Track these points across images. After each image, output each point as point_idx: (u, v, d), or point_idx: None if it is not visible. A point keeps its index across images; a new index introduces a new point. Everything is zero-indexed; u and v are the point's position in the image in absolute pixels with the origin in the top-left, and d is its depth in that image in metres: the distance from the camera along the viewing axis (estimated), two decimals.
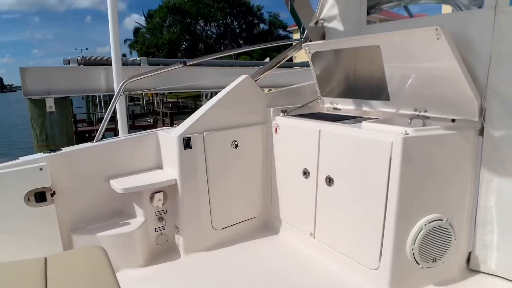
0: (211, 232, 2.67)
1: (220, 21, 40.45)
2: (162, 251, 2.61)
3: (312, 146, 2.40)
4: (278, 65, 3.02)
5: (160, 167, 2.73)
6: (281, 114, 2.77)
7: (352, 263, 2.23)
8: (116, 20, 3.17)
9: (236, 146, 2.68)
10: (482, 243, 2.26)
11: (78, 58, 9.38)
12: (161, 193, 2.54)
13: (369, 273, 2.13)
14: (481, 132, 2.14)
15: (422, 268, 2.05)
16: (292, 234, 2.71)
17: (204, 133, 2.54)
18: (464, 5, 2.63)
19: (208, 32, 41.57)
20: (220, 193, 2.67)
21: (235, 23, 41.36)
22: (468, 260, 2.32)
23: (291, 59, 4.40)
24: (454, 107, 2.15)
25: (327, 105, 3.00)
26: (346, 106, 2.84)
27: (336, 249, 2.34)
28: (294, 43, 3.08)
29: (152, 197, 2.52)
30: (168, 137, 2.57)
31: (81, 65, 9.31)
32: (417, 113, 2.35)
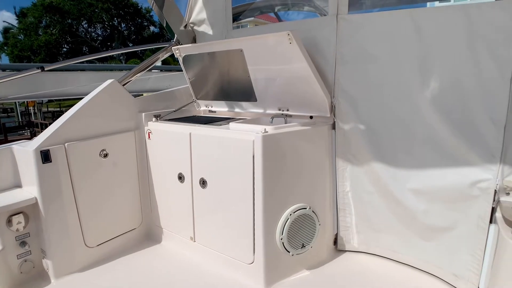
0: (85, 250, 2.46)
1: (106, 23, 37.89)
2: (28, 279, 2.31)
3: (185, 150, 2.39)
4: (148, 68, 2.93)
5: (18, 185, 2.41)
6: (154, 119, 2.69)
7: (231, 261, 2.28)
8: None
9: (106, 155, 2.52)
10: (345, 225, 2.53)
11: None
12: (21, 214, 2.24)
13: (246, 267, 2.20)
14: (334, 126, 2.39)
15: (292, 255, 2.21)
16: (174, 241, 2.66)
17: (66, 144, 2.32)
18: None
19: (93, 34, 38.55)
20: (91, 207, 2.47)
21: (123, 25, 39.18)
22: (335, 242, 2.57)
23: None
24: (311, 105, 2.36)
25: (203, 108, 3.03)
26: (220, 108, 2.90)
27: (215, 249, 2.37)
28: (165, 47, 3.02)
29: (9, 220, 2.21)
30: (23, 151, 2.28)
31: None
32: (281, 112, 2.51)
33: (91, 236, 2.48)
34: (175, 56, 2.90)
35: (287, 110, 2.48)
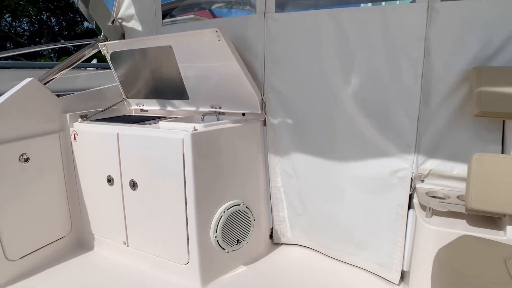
0: (5, 264, 2.26)
1: (34, 17, 35.03)
2: None
3: (113, 151, 2.29)
4: (73, 66, 2.76)
5: None
6: (80, 119, 2.55)
7: (166, 263, 2.23)
8: None
9: (26, 160, 2.33)
10: (279, 219, 2.59)
11: None
12: None
13: (181, 268, 2.17)
14: (265, 123, 2.44)
15: (228, 252, 2.21)
16: (106, 247, 2.54)
17: None
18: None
19: (18, 29, 35.46)
20: (11, 216, 2.28)
21: (53, 20, 36.51)
22: (271, 236, 2.63)
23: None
24: (242, 103, 2.38)
25: (134, 107, 2.92)
26: (152, 107, 2.82)
27: (150, 252, 2.31)
28: (91, 43, 2.87)
29: None
30: None
31: None
32: (213, 109, 2.51)
33: (12, 248, 2.28)
34: (102, 53, 2.77)
35: (220, 108, 2.48)
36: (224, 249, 2.19)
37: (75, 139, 2.51)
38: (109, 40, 2.84)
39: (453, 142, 1.97)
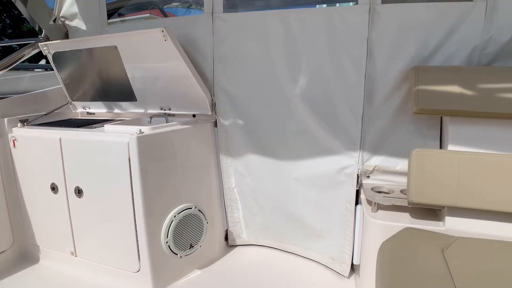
0: None
1: None
2: None
3: (56, 157, 2.17)
4: (12, 67, 2.59)
5: None
6: (20, 124, 2.39)
7: (116, 271, 2.15)
8: None
9: None
10: (233, 220, 2.58)
11: None
12: None
13: (132, 276, 2.10)
14: (216, 124, 2.42)
15: (181, 257, 2.17)
16: (53, 259, 2.41)
17: None
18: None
19: None
20: None
21: None
22: (226, 238, 2.61)
23: None
24: (192, 104, 2.35)
25: (80, 110, 2.79)
26: (99, 109, 2.71)
27: (99, 262, 2.21)
28: (30, 43, 2.70)
29: None
30: None
31: None
32: (163, 111, 2.45)
33: None
34: (44, 54, 2.62)
35: (169, 109, 2.43)
36: (176, 254, 2.14)
37: (14, 146, 2.35)
38: (51, 40, 2.69)
39: (396, 138, 2.05)
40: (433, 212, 1.87)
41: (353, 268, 2.21)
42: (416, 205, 1.74)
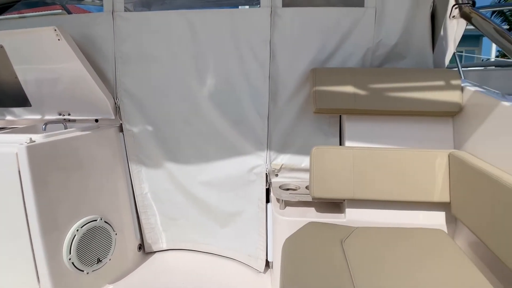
0: None
1: None
2: None
3: None
4: None
5: None
6: None
7: None
8: None
9: None
10: (149, 227, 2.48)
11: None
12: None
13: None
14: (121, 128, 2.29)
15: (88, 273, 2.02)
16: None
17: None
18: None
19: None
20: None
21: None
22: (141, 246, 2.50)
23: None
24: (93, 108, 2.19)
25: None
26: None
27: None
28: None
29: None
30: None
31: None
32: (62, 117, 2.26)
33: None
34: None
35: (69, 114, 2.24)
36: (82, 270, 1.99)
37: None
38: None
39: (300, 137, 2.14)
40: (336, 206, 1.98)
41: (268, 264, 2.27)
42: (318, 199, 1.82)
